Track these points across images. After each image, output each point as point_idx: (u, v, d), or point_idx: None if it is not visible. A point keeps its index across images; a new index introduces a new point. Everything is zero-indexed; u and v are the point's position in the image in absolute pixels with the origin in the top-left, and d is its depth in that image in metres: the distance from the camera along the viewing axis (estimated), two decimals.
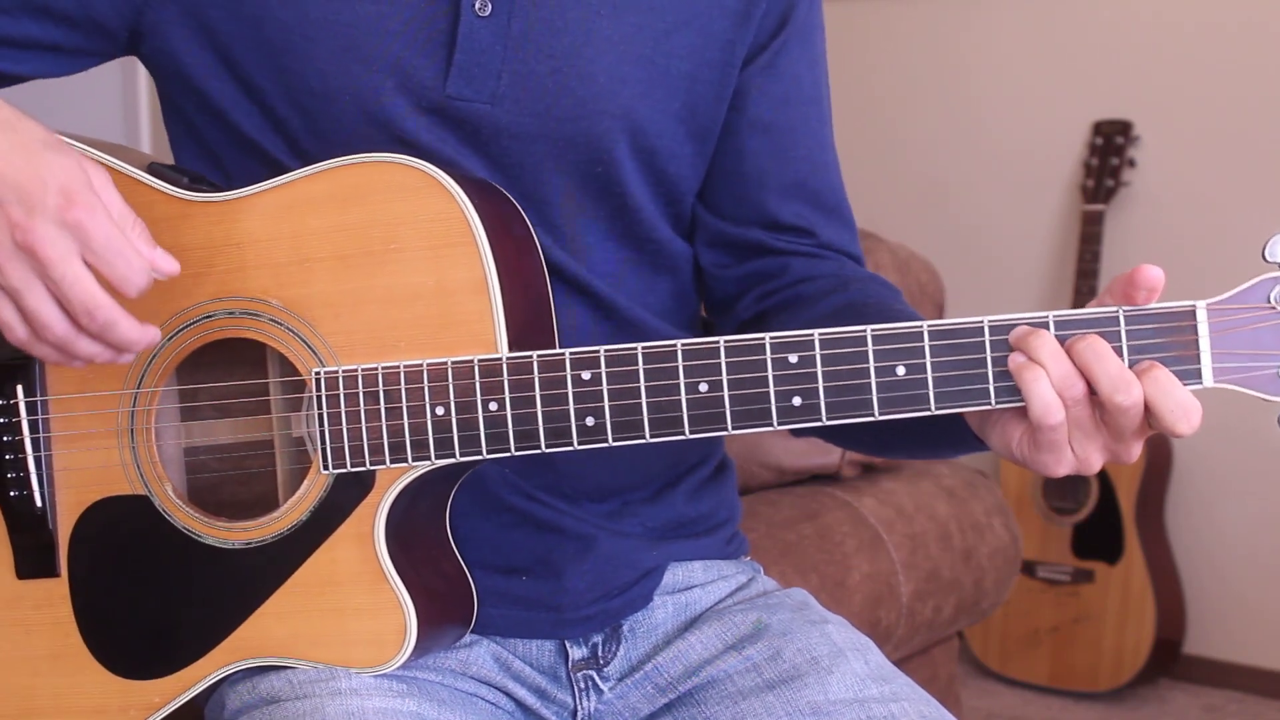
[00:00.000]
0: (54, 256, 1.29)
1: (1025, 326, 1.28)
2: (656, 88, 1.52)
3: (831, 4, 1.58)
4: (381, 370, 1.37)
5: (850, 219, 1.65)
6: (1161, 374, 1.25)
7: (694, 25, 1.53)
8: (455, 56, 1.46)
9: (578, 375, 1.34)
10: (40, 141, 1.31)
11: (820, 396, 1.31)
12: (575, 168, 1.50)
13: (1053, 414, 1.26)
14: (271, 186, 1.41)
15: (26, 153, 1.30)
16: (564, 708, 1.55)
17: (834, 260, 1.61)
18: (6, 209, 1.28)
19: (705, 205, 1.61)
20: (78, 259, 1.29)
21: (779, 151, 1.59)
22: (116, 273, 1.30)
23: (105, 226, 1.29)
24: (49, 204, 1.28)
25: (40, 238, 1.28)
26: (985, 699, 4.05)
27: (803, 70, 1.60)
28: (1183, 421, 1.24)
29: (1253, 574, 4.07)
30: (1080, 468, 1.29)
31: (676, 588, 1.60)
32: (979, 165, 4.39)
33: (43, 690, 1.48)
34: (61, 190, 1.28)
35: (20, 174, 1.28)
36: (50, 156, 1.30)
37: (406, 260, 1.37)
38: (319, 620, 1.42)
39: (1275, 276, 1.25)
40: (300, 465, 1.44)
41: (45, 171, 1.28)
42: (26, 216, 1.28)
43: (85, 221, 1.28)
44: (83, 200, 1.28)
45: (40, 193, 1.28)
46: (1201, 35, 4.01)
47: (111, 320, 1.32)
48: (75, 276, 1.29)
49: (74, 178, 1.29)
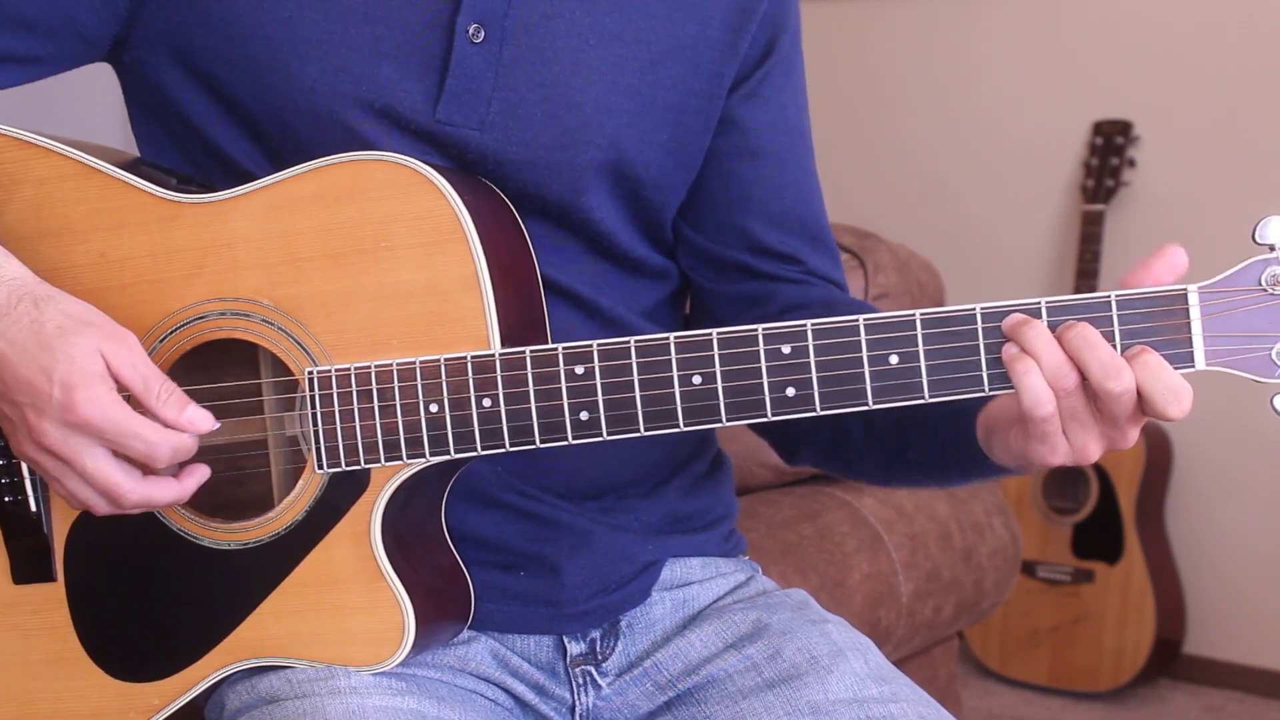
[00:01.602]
0: (70, 454, 1.35)
1: (1019, 315, 1.28)
2: (643, 118, 1.53)
3: (831, 4, 1.59)
4: (375, 368, 1.37)
5: (834, 247, 1.66)
6: (1151, 358, 1.25)
7: (681, 56, 1.54)
8: (447, 81, 1.47)
9: (571, 370, 1.34)
10: (56, 326, 1.34)
11: (814, 387, 1.31)
12: (556, 194, 1.51)
13: (1043, 405, 1.27)
14: (261, 186, 1.41)
15: (39, 341, 1.33)
16: (562, 703, 1.55)
17: (822, 287, 1.62)
18: (23, 410, 1.34)
19: (688, 223, 1.61)
20: (96, 449, 1.35)
21: (765, 178, 1.60)
22: (136, 455, 1.35)
23: (111, 418, 1.33)
24: (54, 405, 1.32)
25: (54, 440, 1.34)
26: (985, 699, 4.05)
27: (787, 99, 1.62)
28: (1173, 404, 1.25)
29: (1253, 574, 4.06)
30: (1077, 458, 1.30)
31: (674, 584, 1.60)
32: (979, 165, 4.38)
33: (42, 694, 1.48)
34: (64, 387, 1.32)
35: (30, 371, 1.33)
36: (62, 345, 1.33)
37: (398, 258, 1.37)
38: (317, 619, 1.42)
39: (1266, 259, 1.25)
40: (295, 465, 1.44)
41: (53, 365, 1.32)
42: (38, 419, 1.33)
43: (89, 420, 1.33)
44: (83, 398, 1.32)
45: (47, 391, 1.32)
46: (1201, 35, 4.01)
47: (142, 499, 1.37)
48: (94, 470, 1.35)
49: (77, 370, 1.32)
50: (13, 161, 1.45)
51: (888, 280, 2.59)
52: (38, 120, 1.51)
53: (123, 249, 1.43)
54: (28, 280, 1.37)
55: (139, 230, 1.43)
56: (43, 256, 1.44)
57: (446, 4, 1.47)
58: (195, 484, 1.40)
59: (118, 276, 1.43)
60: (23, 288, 1.36)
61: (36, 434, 1.34)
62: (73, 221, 1.45)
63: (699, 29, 1.54)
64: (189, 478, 1.40)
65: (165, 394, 1.36)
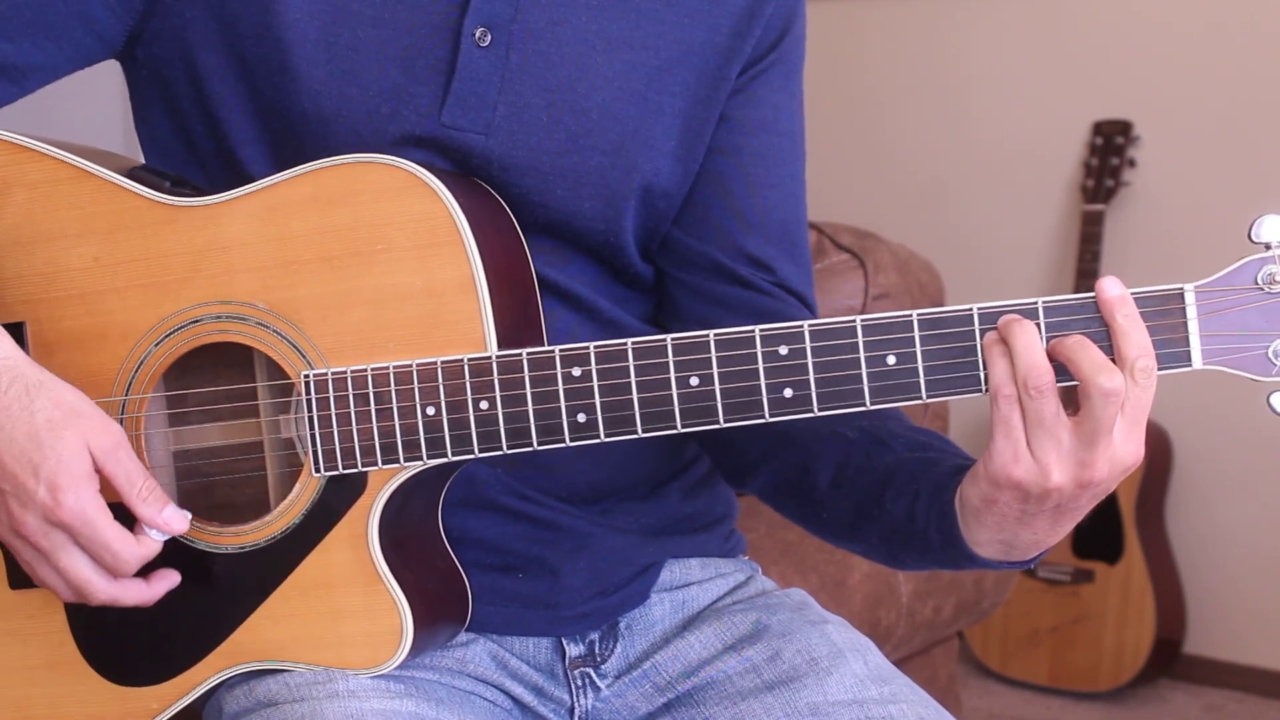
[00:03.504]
0: (47, 548, 1.37)
1: (1013, 315, 1.28)
2: (650, 125, 1.52)
3: (832, 4, 1.59)
4: (371, 372, 1.37)
5: (808, 260, 1.64)
6: (1082, 339, 1.27)
7: (689, 63, 1.53)
8: (453, 85, 1.46)
9: (568, 372, 1.34)
10: (46, 419, 1.35)
11: (811, 388, 1.31)
12: (560, 201, 1.50)
13: (1007, 385, 1.27)
14: (255, 189, 1.41)
15: (29, 433, 1.34)
16: (561, 705, 1.55)
17: (794, 308, 1.60)
18: (5, 499, 1.36)
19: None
20: (72, 548, 1.37)
21: (747, 176, 1.58)
22: (103, 562, 1.37)
23: (91, 525, 1.35)
24: (38, 501, 1.34)
25: (32, 532, 1.36)
26: (985, 699, 4.05)
27: (781, 100, 1.60)
28: (1103, 375, 1.24)
29: (1253, 573, 4.06)
30: (1040, 476, 1.28)
31: (674, 585, 1.59)
32: (979, 165, 4.38)
33: (39, 700, 1.48)
34: (50, 487, 1.33)
35: (17, 463, 1.34)
36: (50, 441, 1.34)
37: (393, 261, 1.37)
38: (315, 623, 1.42)
39: (1262, 257, 1.25)
40: (291, 468, 1.44)
41: (41, 461, 1.34)
42: (21, 510, 1.35)
43: (69, 524, 1.34)
44: (66, 500, 1.34)
45: (32, 486, 1.34)
46: (1201, 35, 4.01)
47: (109, 599, 1.39)
48: (68, 566, 1.37)
49: (64, 470, 1.34)
50: (6, 165, 1.45)
51: (888, 280, 2.58)
52: (36, 121, 1.51)
53: (117, 253, 1.43)
54: (19, 362, 1.38)
55: (133, 234, 1.43)
56: (37, 261, 1.44)
57: (453, 8, 1.47)
58: (164, 589, 1.42)
59: (112, 280, 1.43)
60: (14, 369, 1.37)
61: (17, 523, 1.36)
62: (67, 226, 1.44)
63: (707, 35, 1.53)
64: (159, 582, 1.42)
65: (147, 492, 1.37)
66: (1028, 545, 1.36)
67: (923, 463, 1.44)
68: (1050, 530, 1.34)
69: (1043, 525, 1.33)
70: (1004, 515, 1.32)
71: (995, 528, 1.34)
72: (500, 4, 1.47)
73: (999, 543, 1.36)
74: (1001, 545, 1.37)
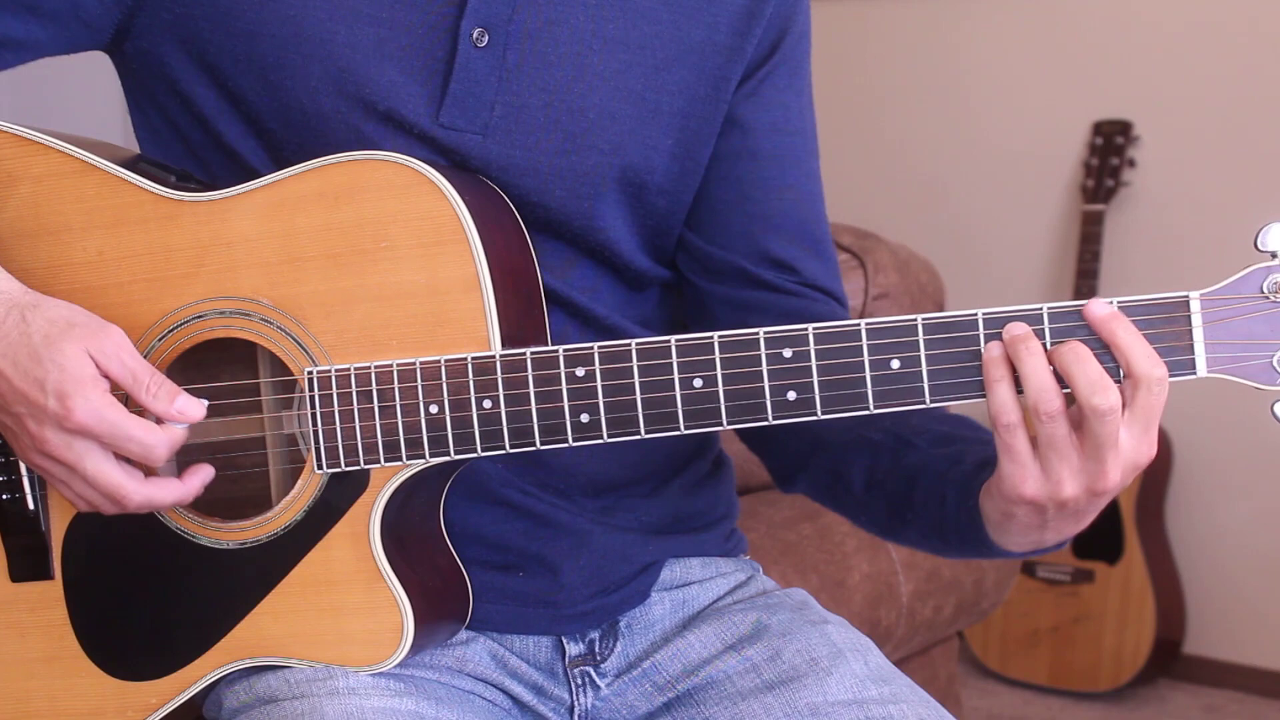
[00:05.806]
0: (73, 460, 1.36)
1: (1021, 326, 1.28)
2: (647, 124, 1.52)
3: (832, 4, 1.59)
4: (374, 369, 1.37)
5: (832, 255, 1.64)
6: (1080, 347, 1.27)
7: (686, 62, 1.53)
8: (450, 85, 1.46)
9: (572, 372, 1.34)
10: (43, 335, 1.35)
11: (815, 390, 1.31)
12: (559, 201, 1.50)
13: (1007, 413, 1.28)
14: (260, 185, 1.40)
15: (29, 351, 1.34)
16: (561, 704, 1.55)
17: (821, 303, 1.61)
18: (23, 420, 1.36)
19: (688, 225, 1.60)
20: (96, 453, 1.36)
21: (765, 180, 1.59)
22: (134, 455, 1.36)
23: (108, 421, 1.34)
24: (51, 414, 1.34)
25: (55, 447, 1.35)
26: (985, 699, 4.05)
27: (790, 100, 1.60)
28: (1099, 395, 1.25)
29: (1253, 574, 4.06)
30: (1051, 491, 1.30)
31: (674, 584, 1.59)
32: (979, 165, 4.38)
33: (39, 693, 1.48)
34: (58, 396, 1.33)
35: (25, 383, 1.34)
36: (50, 353, 1.34)
37: (398, 258, 1.37)
38: (315, 620, 1.42)
39: (1267, 266, 1.25)
40: (293, 465, 1.44)
41: (45, 375, 1.33)
42: (38, 428, 1.35)
43: (85, 426, 1.34)
44: (77, 405, 1.33)
45: (42, 401, 1.33)
46: (1201, 35, 4.01)
47: (145, 500, 1.38)
48: (96, 473, 1.36)
49: (69, 377, 1.33)
50: (11, 158, 1.45)
51: (888, 280, 2.58)
52: (38, 112, 1.51)
53: (121, 247, 1.43)
54: (14, 291, 1.38)
55: (138, 228, 1.42)
56: (41, 254, 1.44)
57: (451, 7, 1.47)
58: (200, 483, 1.40)
59: (116, 274, 1.43)
60: (10, 299, 1.37)
61: (39, 442, 1.35)
62: (71, 219, 1.44)
63: (705, 35, 1.53)
64: (193, 477, 1.40)
65: (155, 386, 1.36)
66: (1055, 540, 1.39)
67: (948, 459, 1.46)
68: (1075, 525, 1.37)
69: (1066, 525, 1.36)
70: (1025, 525, 1.36)
71: (1019, 534, 1.38)
72: (498, 4, 1.47)
73: (1027, 543, 1.40)
74: (1029, 544, 1.40)
